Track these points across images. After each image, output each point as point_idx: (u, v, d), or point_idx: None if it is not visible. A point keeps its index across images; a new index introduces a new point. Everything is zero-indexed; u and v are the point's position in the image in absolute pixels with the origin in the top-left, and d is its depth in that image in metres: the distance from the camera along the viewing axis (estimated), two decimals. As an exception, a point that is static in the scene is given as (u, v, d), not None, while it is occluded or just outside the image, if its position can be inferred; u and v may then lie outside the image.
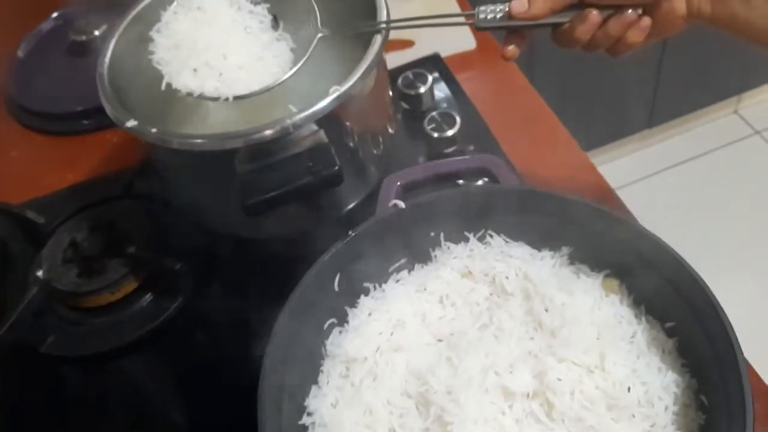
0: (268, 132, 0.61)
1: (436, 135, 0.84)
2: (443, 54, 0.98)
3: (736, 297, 1.62)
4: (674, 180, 1.91)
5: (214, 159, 0.64)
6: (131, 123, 0.63)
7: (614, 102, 1.74)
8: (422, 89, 0.89)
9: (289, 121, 0.61)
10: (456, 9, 1.02)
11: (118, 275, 0.78)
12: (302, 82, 0.68)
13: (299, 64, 0.66)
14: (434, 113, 0.86)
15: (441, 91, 0.93)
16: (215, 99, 0.65)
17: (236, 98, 0.65)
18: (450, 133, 0.84)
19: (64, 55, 1.06)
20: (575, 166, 0.88)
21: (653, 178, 1.92)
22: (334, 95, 0.63)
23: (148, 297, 0.79)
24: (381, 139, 0.78)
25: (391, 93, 0.81)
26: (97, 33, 1.04)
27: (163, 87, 0.66)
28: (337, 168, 0.59)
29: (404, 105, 0.91)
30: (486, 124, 0.89)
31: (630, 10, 0.58)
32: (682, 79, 1.76)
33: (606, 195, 0.83)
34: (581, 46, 0.61)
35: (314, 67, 0.69)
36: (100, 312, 0.78)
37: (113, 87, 0.68)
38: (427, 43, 0.99)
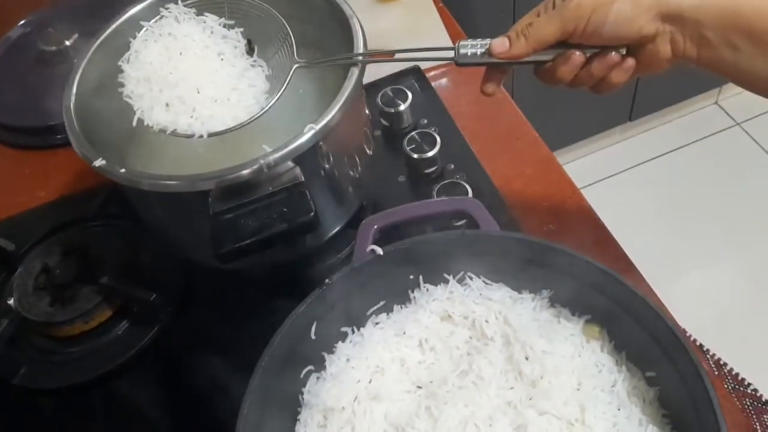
0: (243, 173, 0.60)
1: (416, 156, 0.82)
2: (423, 66, 0.96)
3: (717, 286, 1.64)
4: (656, 172, 1.91)
5: (187, 198, 0.62)
6: (99, 162, 0.61)
7: (595, 96, 1.73)
8: (402, 107, 0.88)
9: (263, 162, 0.60)
10: (437, 20, 0.99)
11: (92, 304, 0.76)
12: (278, 115, 0.66)
13: (275, 98, 0.64)
14: (414, 133, 0.84)
15: (421, 105, 0.92)
16: (189, 136, 0.63)
17: (210, 135, 0.63)
18: (430, 153, 0.82)
19: (33, 66, 1.02)
20: (555, 183, 0.87)
21: (635, 170, 1.92)
22: (310, 133, 0.61)
23: (124, 325, 0.77)
24: (358, 162, 0.76)
25: (368, 112, 0.80)
26: (68, 43, 1.00)
27: (134, 123, 0.64)
28: (312, 214, 0.57)
29: (384, 122, 0.89)
30: (466, 141, 0.88)
31: (613, 52, 0.57)
32: (658, 94, 1.75)
33: (585, 213, 0.83)
34: (564, 84, 0.60)
35: (290, 98, 0.67)
36: (74, 341, 0.77)
37: (81, 120, 0.66)
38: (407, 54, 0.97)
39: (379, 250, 0.58)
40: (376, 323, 0.62)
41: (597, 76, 0.58)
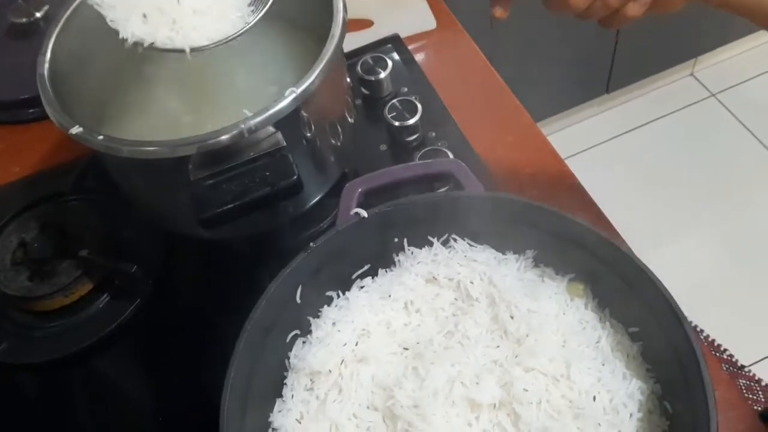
0: (223, 138, 0.59)
1: (397, 123, 0.82)
2: (402, 34, 0.95)
3: (693, 255, 1.67)
4: (632, 143, 1.92)
5: (167, 164, 0.61)
6: (76, 130, 0.60)
7: (573, 68, 1.74)
8: (382, 75, 0.87)
9: (243, 126, 0.59)
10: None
11: (71, 278, 0.75)
12: (258, 80, 0.65)
13: (262, 12, 0.61)
14: (395, 101, 0.83)
15: (401, 74, 0.91)
16: (169, 51, 0.59)
17: (193, 51, 0.60)
18: (411, 121, 0.82)
19: (3, 39, 1.00)
20: (535, 148, 0.87)
21: (612, 142, 1.93)
22: (291, 97, 0.60)
23: (104, 299, 0.76)
24: (340, 130, 0.75)
25: (349, 80, 0.79)
26: (38, 15, 0.98)
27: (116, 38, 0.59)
28: (295, 177, 0.57)
29: (364, 90, 0.89)
30: (446, 108, 0.88)
31: None
32: (639, 44, 1.76)
33: (567, 179, 0.83)
34: (575, 13, 0.57)
35: (269, 63, 0.67)
36: (54, 316, 0.76)
37: (55, 88, 0.64)
38: (386, 23, 0.96)
39: (363, 213, 0.58)
40: (362, 287, 0.61)
41: (613, 6, 0.55)
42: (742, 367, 1.54)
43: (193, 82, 0.68)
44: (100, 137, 0.60)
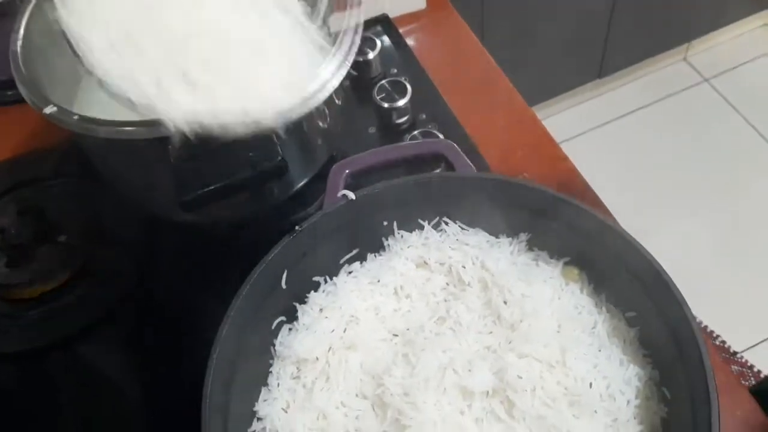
0: (204, 117, 0.56)
1: (386, 105, 0.80)
2: (391, 14, 0.93)
3: (686, 241, 1.66)
4: (625, 129, 1.91)
5: (146, 145, 0.59)
6: (50, 110, 0.57)
7: (565, 53, 1.72)
8: (371, 55, 0.85)
9: (226, 105, 0.56)
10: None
11: (51, 265, 0.73)
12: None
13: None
14: (384, 82, 0.81)
15: (390, 55, 0.89)
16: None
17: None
18: (401, 102, 0.79)
19: (-21, 20, 0.96)
20: (528, 131, 0.85)
21: (605, 127, 1.91)
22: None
23: (84, 286, 0.74)
24: (327, 111, 0.73)
25: (336, 60, 0.76)
26: (15, -6, 0.94)
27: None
28: (280, 159, 0.54)
29: (352, 71, 0.86)
30: (438, 91, 0.86)
31: None
32: (631, 29, 1.74)
33: (561, 162, 0.81)
34: None
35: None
36: (34, 303, 0.73)
37: (30, 66, 0.62)
38: (374, 2, 0.94)
39: (351, 195, 0.56)
40: (350, 272, 0.59)
41: None
42: (735, 353, 1.53)
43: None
44: (75, 117, 0.57)
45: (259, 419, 0.54)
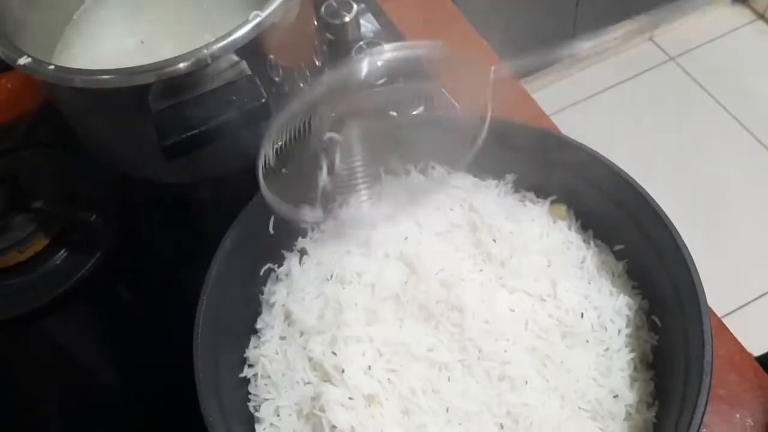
0: (183, 65, 0.55)
1: (365, 66, 0.79)
2: (366, -20, 0.92)
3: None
4: (594, 109, 1.92)
5: (123, 97, 0.58)
6: (24, 60, 0.56)
7: (535, 34, 1.72)
8: (347, 18, 0.83)
9: (205, 51, 0.55)
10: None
11: (26, 232, 0.70)
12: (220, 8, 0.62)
13: None
14: (361, 43, 0.80)
15: (367, 20, 0.88)
16: None
17: None
18: (380, 63, 0.79)
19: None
20: (510, 96, 0.85)
21: (573, 107, 1.93)
22: (255, 21, 0.57)
23: (62, 254, 0.72)
24: (308, 72, 0.73)
25: (315, 23, 0.76)
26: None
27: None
28: (264, 99, 0.53)
29: (329, 36, 0.86)
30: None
31: None
32: (599, 8, 1.76)
33: (542, 121, 0.81)
34: None
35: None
36: (10, 273, 0.71)
37: (1, 22, 0.60)
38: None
39: (338, 137, 0.55)
40: (336, 218, 0.59)
41: None
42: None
43: (150, 10, 0.65)
44: (51, 67, 0.56)
45: (250, 365, 0.53)
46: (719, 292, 1.56)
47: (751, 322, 1.52)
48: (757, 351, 1.35)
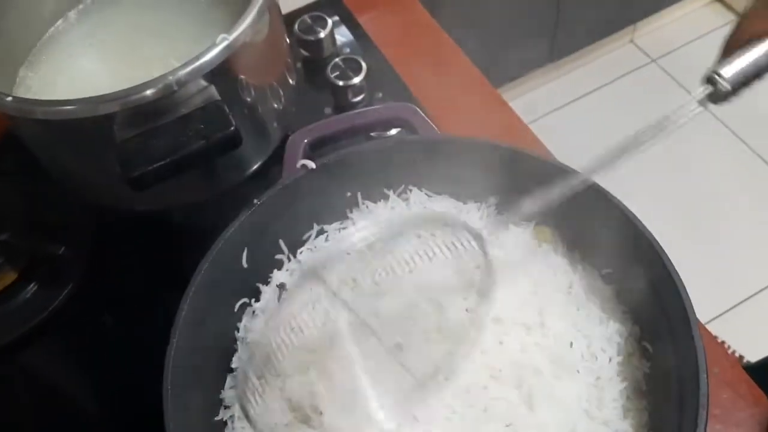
0: (149, 92, 0.53)
1: (341, 83, 0.77)
2: (342, -8, 0.90)
3: (641, 219, 1.67)
4: (577, 113, 1.92)
5: (88, 127, 0.55)
6: (-19, 91, 0.53)
7: (516, 38, 1.71)
8: (322, 34, 0.82)
9: (171, 78, 0.53)
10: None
11: (-7, 266, 0.68)
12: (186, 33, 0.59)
13: None
14: (337, 59, 0.78)
15: (342, 35, 0.86)
16: None
17: None
18: (356, 80, 0.77)
19: None
20: (488, 106, 0.83)
21: (557, 112, 1.92)
22: (222, 45, 0.55)
23: (32, 287, 0.70)
24: (281, 92, 0.70)
25: (288, 40, 0.74)
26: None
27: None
28: (233, 128, 0.51)
29: (304, 52, 0.84)
30: (393, 69, 0.83)
31: None
32: (579, 13, 1.75)
33: (522, 133, 0.80)
34: None
35: (200, 14, 0.61)
36: (-19, 309, 0.68)
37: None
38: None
39: (311, 164, 0.53)
40: (313, 248, 0.56)
41: None
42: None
43: (116, 36, 0.62)
44: (9, 98, 0.53)
45: (226, 407, 0.50)
46: (708, 296, 1.55)
47: (741, 325, 1.51)
48: (747, 353, 1.33)
